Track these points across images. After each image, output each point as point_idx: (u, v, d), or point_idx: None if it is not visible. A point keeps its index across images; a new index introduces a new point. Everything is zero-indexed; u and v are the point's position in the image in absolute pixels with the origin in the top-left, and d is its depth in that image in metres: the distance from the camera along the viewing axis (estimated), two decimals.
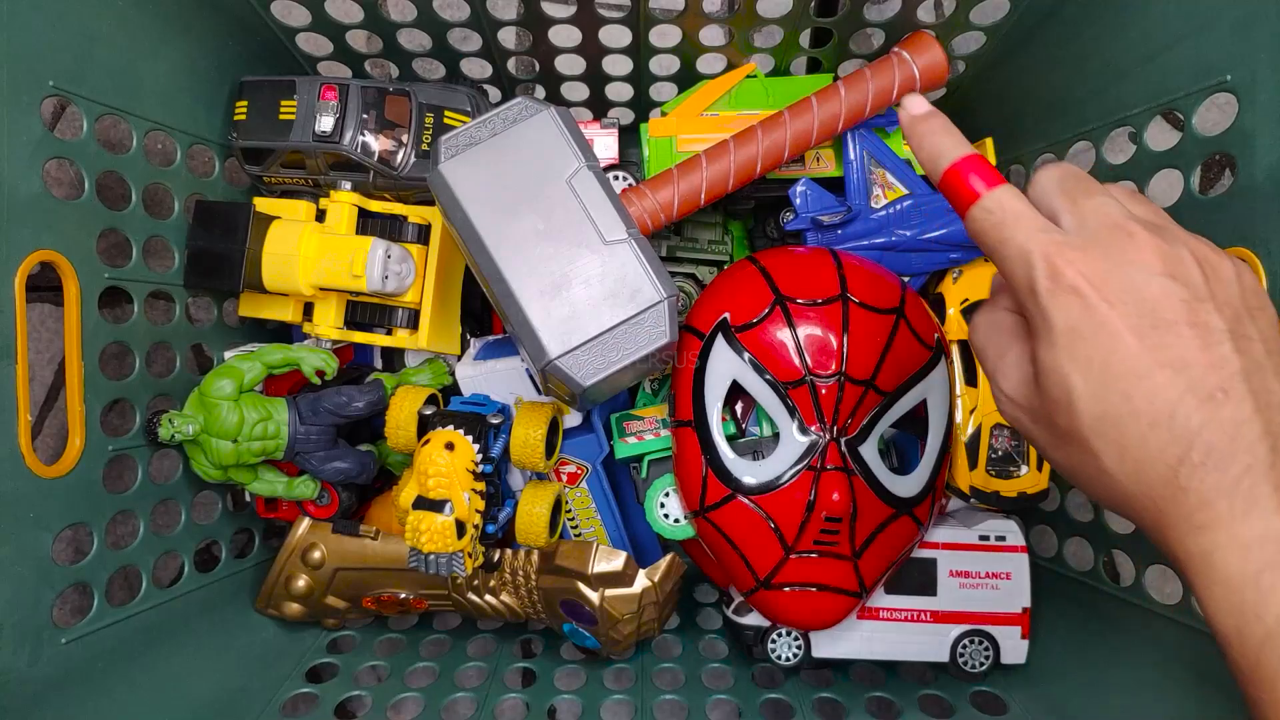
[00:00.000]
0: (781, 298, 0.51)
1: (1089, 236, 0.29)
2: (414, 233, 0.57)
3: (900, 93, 0.53)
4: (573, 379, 0.45)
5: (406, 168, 0.55)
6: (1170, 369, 0.27)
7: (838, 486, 0.49)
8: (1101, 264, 0.28)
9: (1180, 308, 0.27)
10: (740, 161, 0.53)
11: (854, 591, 0.51)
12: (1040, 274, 0.28)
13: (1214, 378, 0.27)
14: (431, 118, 0.55)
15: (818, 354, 0.50)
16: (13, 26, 0.42)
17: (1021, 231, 0.29)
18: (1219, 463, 0.26)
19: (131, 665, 0.49)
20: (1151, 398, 0.27)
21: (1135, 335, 0.27)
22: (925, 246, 0.58)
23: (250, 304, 0.58)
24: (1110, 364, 0.27)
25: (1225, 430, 0.26)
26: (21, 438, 0.42)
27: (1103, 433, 0.28)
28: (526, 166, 0.47)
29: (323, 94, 0.56)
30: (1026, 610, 0.56)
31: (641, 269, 0.45)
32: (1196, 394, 0.27)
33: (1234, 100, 0.43)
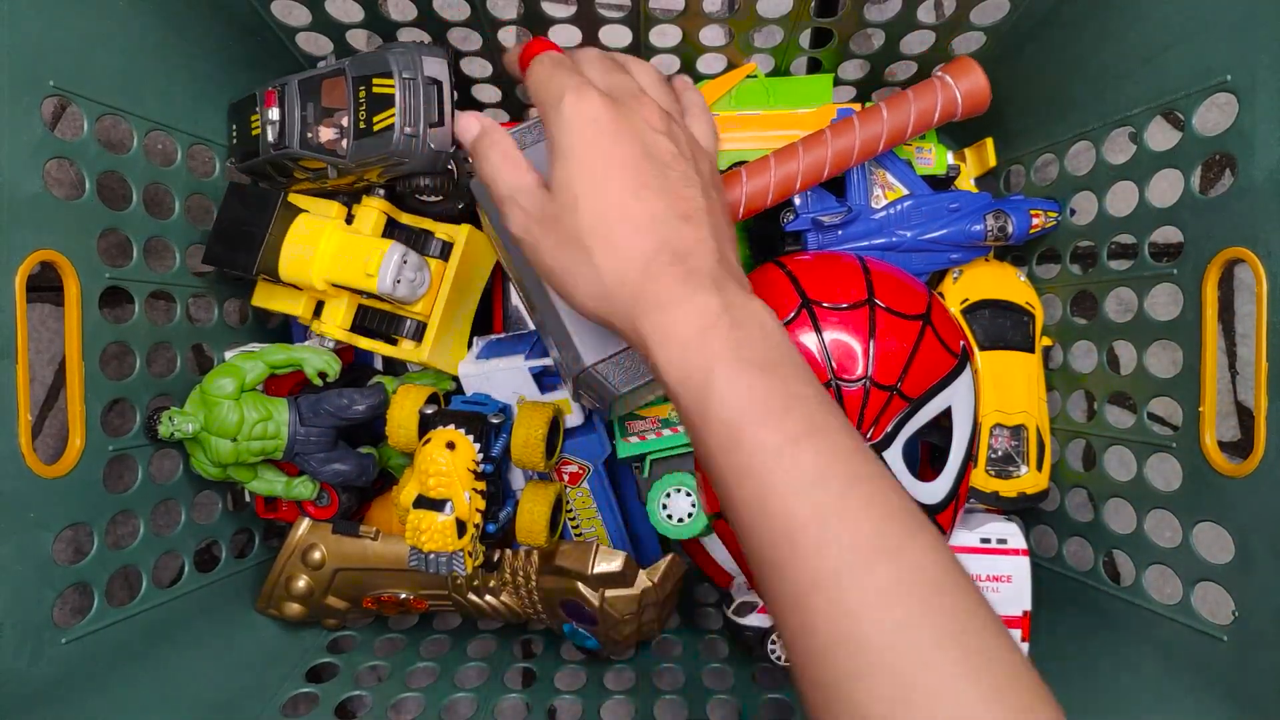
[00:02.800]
0: (808, 301, 0.51)
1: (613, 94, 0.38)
2: (437, 248, 0.57)
3: (943, 116, 0.53)
4: (606, 386, 0.45)
5: (350, 152, 0.53)
6: (656, 191, 0.35)
7: None
8: (617, 110, 0.37)
9: (669, 157, 0.37)
10: (780, 177, 0.53)
11: None
12: (569, 102, 0.36)
13: (687, 206, 0.36)
14: (364, 91, 0.53)
15: (844, 359, 0.50)
16: (13, 26, 0.42)
17: (564, 75, 0.38)
18: (680, 260, 0.34)
19: (131, 665, 0.49)
20: (640, 209, 0.35)
21: (633, 164, 0.36)
22: (925, 247, 0.58)
23: (264, 294, 0.59)
24: (610, 179, 0.35)
25: (687, 242, 0.35)
26: (21, 438, 0.42)
27: (597, 230, 0.35)
28: None
29: (266, 101, 0.55)
30: (1027, 613, 0.56)
31: None
32: (673, 213, 0.35)
33: (1234, 100, 0.43)
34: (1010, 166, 0.64)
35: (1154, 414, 0.52)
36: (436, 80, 0.54)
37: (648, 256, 0.35)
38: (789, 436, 0.31)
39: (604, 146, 0.36)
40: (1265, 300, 0.41)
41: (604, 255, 0.35)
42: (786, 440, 0.31)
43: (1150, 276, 0.50)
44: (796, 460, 0.30)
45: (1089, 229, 0.56)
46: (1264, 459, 0.41)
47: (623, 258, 0.35)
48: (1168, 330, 0.49)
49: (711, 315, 0.33)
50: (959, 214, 0.58)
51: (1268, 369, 0.41)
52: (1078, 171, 0.57)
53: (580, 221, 0.36)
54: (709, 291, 0.34)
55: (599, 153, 0.36)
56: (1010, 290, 0.60)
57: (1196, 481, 0.46)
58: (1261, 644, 0.42)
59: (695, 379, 0.32)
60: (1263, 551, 0.42)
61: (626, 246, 0.35)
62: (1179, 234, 0.48)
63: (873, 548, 0.29)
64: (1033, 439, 0.57)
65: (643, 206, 0.35)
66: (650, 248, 0.35)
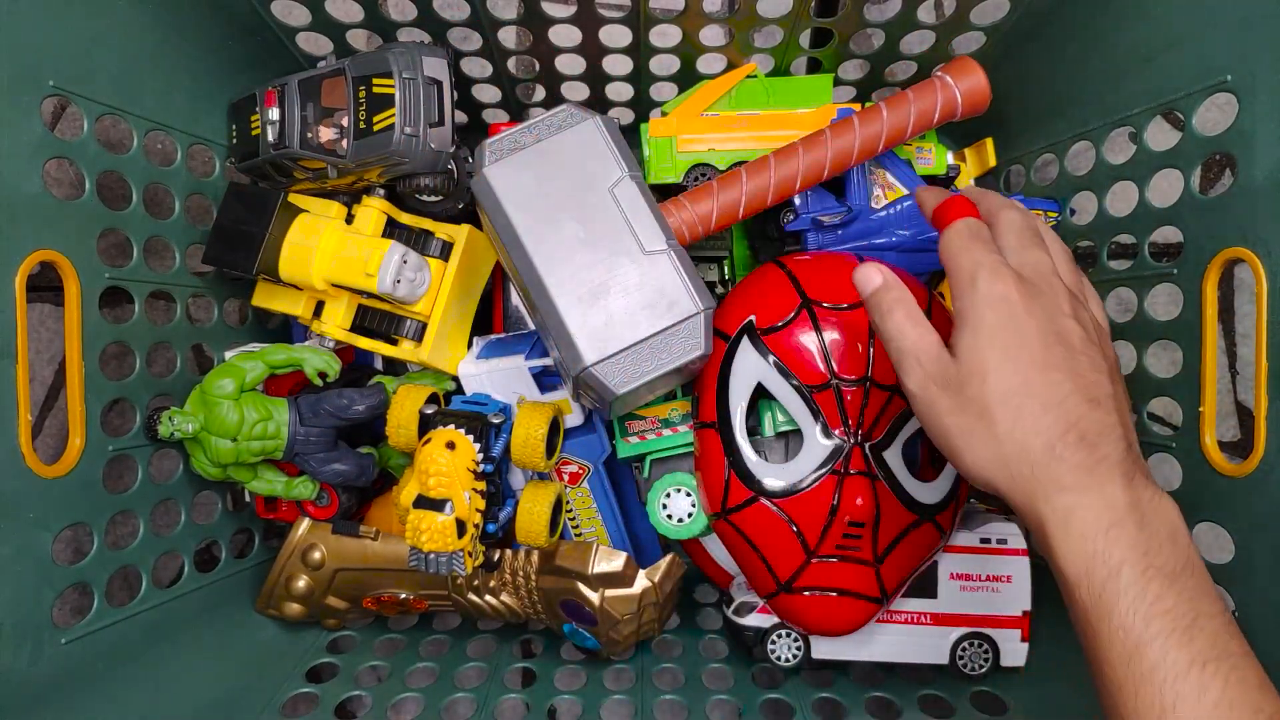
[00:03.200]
0: (808, 301, 0.51)
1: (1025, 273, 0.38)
2: (437, 248, 0.57)
3: (942, 116, 0.53)
4: (606, 386, 0.45)
5: (350, 152, 0.53)
6: (1065, 373, 0.35)
7: (861, 491, 0.49)
8: (1029, 290, 0.37)
9: (1077, 341, 0.36)
10: (780, 177, 0.53)
11: (875, 597, 0.51)
12: (984, 279, 0.37)
13: (1095, 390, 0.35)
14: (364, 91, 0.53)
15: (843, 358, 0.50)
16: (13, 26, 0.42)
17: (980, 250, 0.38)
18: (1089, 445, 0.34)
19: (131, 665, 0.49)
20: (1049, 388, 0.35)
21: (1043, 342, 0.36)
22: (925, 246, 0.58)
23: (264, 294, 0.59)
24: (1020, 357, 0.36)
25: (1096, 426, 0.35)
26: (21, 438, 0.42)
27: (1006, 402, 0.35)
28: (569, 174, 0.47)
29: (266, 101, 0.55)
30: (1027, 614, 0.56)
31: (680, 280, 0.46)
32: (1081, 396, 0.35)
33: (1234, 100, 0.43)
34: (1010, 166, 0.64)
35: (1154, 414, 0.52)
36: (436, 80, 0.54)
37: (1054, 436, 0.34)
38: (1197, 658, 0.30)
39: (1016, 325, 0.36)
40: (1265, 300, 0.41)
41: (1009, 428, 0.35)
42: (1194, 662, 0.30)
43: (1150, 276, 0.50)
44: (1204, 686, 0.30)
45: (1089, 229, 0.56)
46: (1264, 459, 0.41)
47: (1028, 433, 0.35)
48: (1168, 330, 0.49)
49: (1120, 511, 0.33)
50: None
51: (1268, 369, 0.41)
52: (1078, 171, 0.57)
53: (987, 391, 0.36)
54: (1118, 483, 0.33)
55: (1011, 330, 0.36)
56: None
57: (1196, 481, 0.46)
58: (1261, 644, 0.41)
59: (1098, 577, 0.32)
60: (1263, 551, 0.42)
61: (1033, 423, 0.35)
62: (1179, 234, 0.48)
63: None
64: None
65: (1052, 386, 0.35)
66: (1058, 428, 0.34)
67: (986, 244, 0.39)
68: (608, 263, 0.46)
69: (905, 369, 0.39)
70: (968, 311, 0.37)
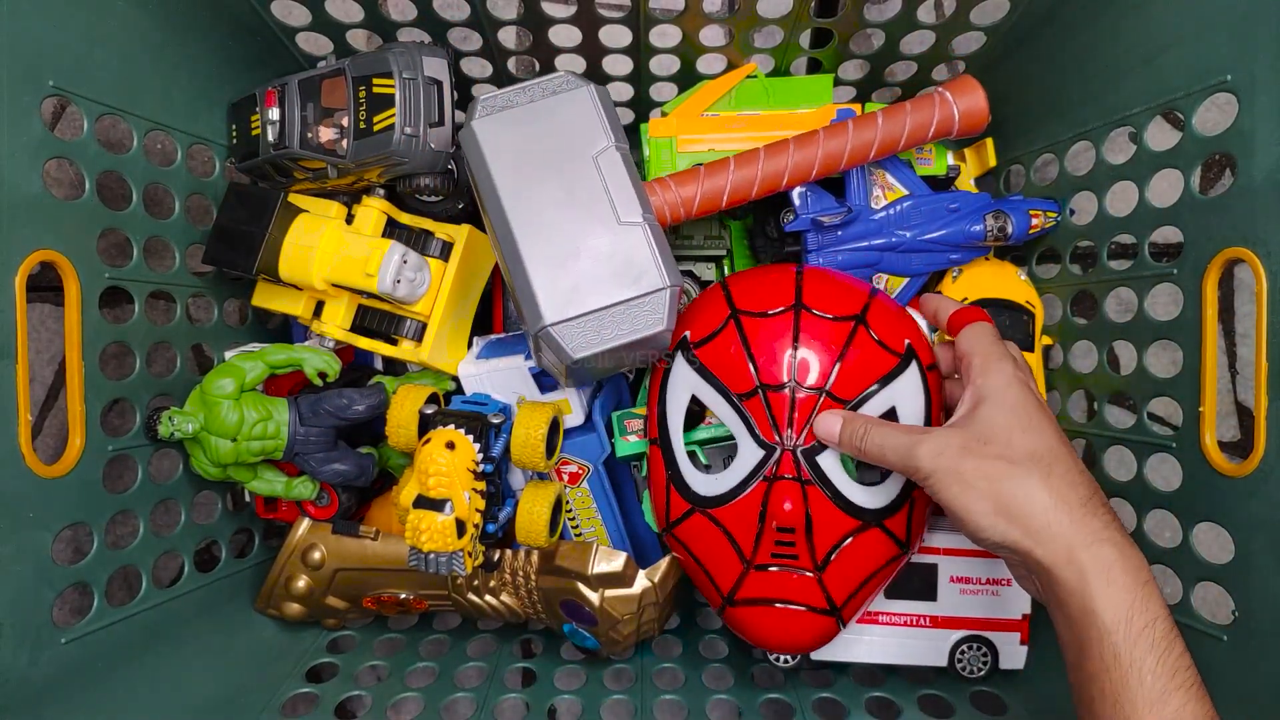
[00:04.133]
0: (736, 312, 0.51)
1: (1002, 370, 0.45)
2: (437, 248, 0.57)
3: (938, 131, 0.53)
4: (563, 349, 0.45)
5: (350, 152, 0.53)
6: (1069, 448, 0.42)
7: (789, 495, 0.48)
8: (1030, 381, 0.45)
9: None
10: (767, 172, 0.52)
11: (823, 609, 0.49)
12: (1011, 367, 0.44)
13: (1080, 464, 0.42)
14: (364, 91, 0.53)
15: (767, 364, 0.49)
16: (13, 26, 0.42)
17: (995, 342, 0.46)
18: (1107, 507, 0.40)
19: (131, 665, 0.49)
20: (1069, 455, 0.41)
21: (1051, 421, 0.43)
22: (925, 247, 0.58)
23: (264, 294, 0.59)
24: (1045, 426, 0.42)
25: (1103, 497, 0.40)
26: (21, 438, 0.42)
27: (1038, 460, 0.40)
28: (557, 137, 0.47)
29: (266, 101, 0.55)
30: (1026, 616, 0.56)
31: (650, 254, 0.46)
32: (1082, 468, 0.41)
33: (1234, 100, 0.43)
34: (1010, 166, 0.64)
35: (1154, 414, 0.52)
36: (437, 80, 0.54)
37: (1086, 494, 0.39)
38: (1214, 716, 0.36)
39: (1033, 402, 0.42)
40: (1265, 300, 0.41)
41: (1043, 480, 0.39)
42: (1211, 717, 0.36)
43: (1150, 276, 0.50)
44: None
45: (1089, 229, 0.56)
46: (1264, 459, 0.41)
47: (1065, 487, 0.39)
48: (1168, 330, 0.49)
49: (1145, 568, 0.38)
50: (958, 214, 0.58)
51: (1268, 369, 0.41)
52: (1078, 171, 0.57)
53: (1015, 450, 0.40)
54: (1133, 544, 0.39)
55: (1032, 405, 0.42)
56: (1010, 289, 0.60)
57: (1196, 481, 0.46)
58: (1261, 644, 0.42)
59: (1136, 625, 0.36)
60: (1263, 551, 0.42)
61: (1072, 482, 0.40)
62: (1179, 234, 0.48)
63: None
64: None
65: (1071, 455, 0.41)
66: (1088, 487, 0.40)
67: (998, 340, 0.46)
68: (581, 228, 0.46)
69: (915, 458, 0.42)
70: (989, 389, 0.43)
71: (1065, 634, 0.39)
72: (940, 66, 0.61)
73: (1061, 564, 0.38)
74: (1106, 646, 0.36)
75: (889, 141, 0.53)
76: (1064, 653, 0.40)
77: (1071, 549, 0.38)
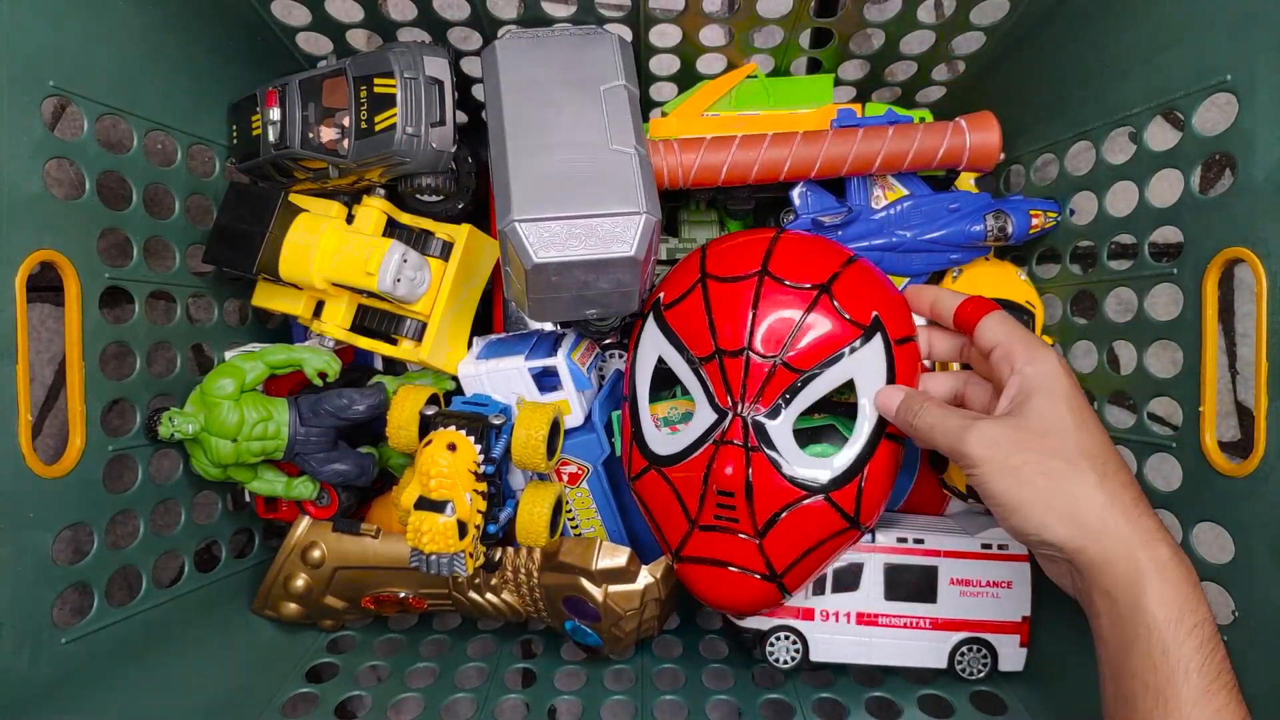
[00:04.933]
0: (704, 276, 0.51)
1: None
2: (437, 247, 0.57)
3: (945, 159, 0.54)
4: (526, 250, 0.44)
5: (352, 152, 0.53)
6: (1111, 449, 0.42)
7: (732, 460, 0.48)
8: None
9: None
10: (768, 159, 0.53)
11: (763, 574, 0.49)
12: (1047, 353, 0.43)
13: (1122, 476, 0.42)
14: (365, 91, 0.53)
15: (726, 329, 0.49)
16: (13, 26, 0.42)
17: (1024, 330, 0.46)
18: (1151, 509, 0.40)
19: (131, 665, 0.49)
20: (1115, 453, 0.41)
21: (1094, 415, 0.43)
22: (925, 247, 0.58)
23: (264, 294, 0.59)
24: (1092, 421, 0.42)
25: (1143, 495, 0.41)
26: (21, 438, 0.42)
27: (1092, 458, 0.40)
28: (570, 67, 0.49)
29: (267, 101, 0.55)
30: (1026, 619, 0.56)
31: (635, 181, 0.46)
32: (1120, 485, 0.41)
33: (1234, 100, 0.43)
34: (1010, 166, 0.64)
35: (1154, 414, 0.52)
36: (438, 80, 0.54)
37: (1137, 495, 0.40)
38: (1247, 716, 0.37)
39: (1082, 395, 0.42)
40: (1265, 300, 0.41)
41: (1099, 479, 0.40)
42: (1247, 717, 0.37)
43: (1150, 276, 0.50)
44: None
45: (1089, 229, 0.56)
46: (1264, 459, 0.41)
47: (1119, 487, 0.40)
48: (1168, 330, 0.49)
49: (1195, 572, 0.39)
50: (959, 214, 0.58)
51: (1268, 369, 0.41)
52: (1078, 171, 0.57)
53: (1070, 447, 0.40)
54: (1177, 547, 0.39)
55: (1080, 397, 0.42)
56: (1010, 289, 0.60)
57: (1196, 481, 0.46)
58: (1261, 644, 0.42)
59: (1186, 624, 0.37)
60: (1263, 551, 0.42)
61: (1124, 483, 0.40)
62: (1179, 234, 0.48)
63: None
64: None
65: (1118, 456, 0.41)
66: (1136, 491, 0.40)
67: (1025, 328, 0.45)
68: (572, 144, 0.47)
69: (965, 443, 0.42)
70: (1040, 379, 0.42)
71: (1109, 629, 0.39)
72: (940, 66, 0.61)
73: (1117, 561, 0.38)
74: (1155, 642, 0.37)
75: (893, 158, 0.54)
76: (1101, 648, 0.40)
77: (1130, 547, 0.38)
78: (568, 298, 0.48)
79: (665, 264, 0.64)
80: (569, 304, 0.49)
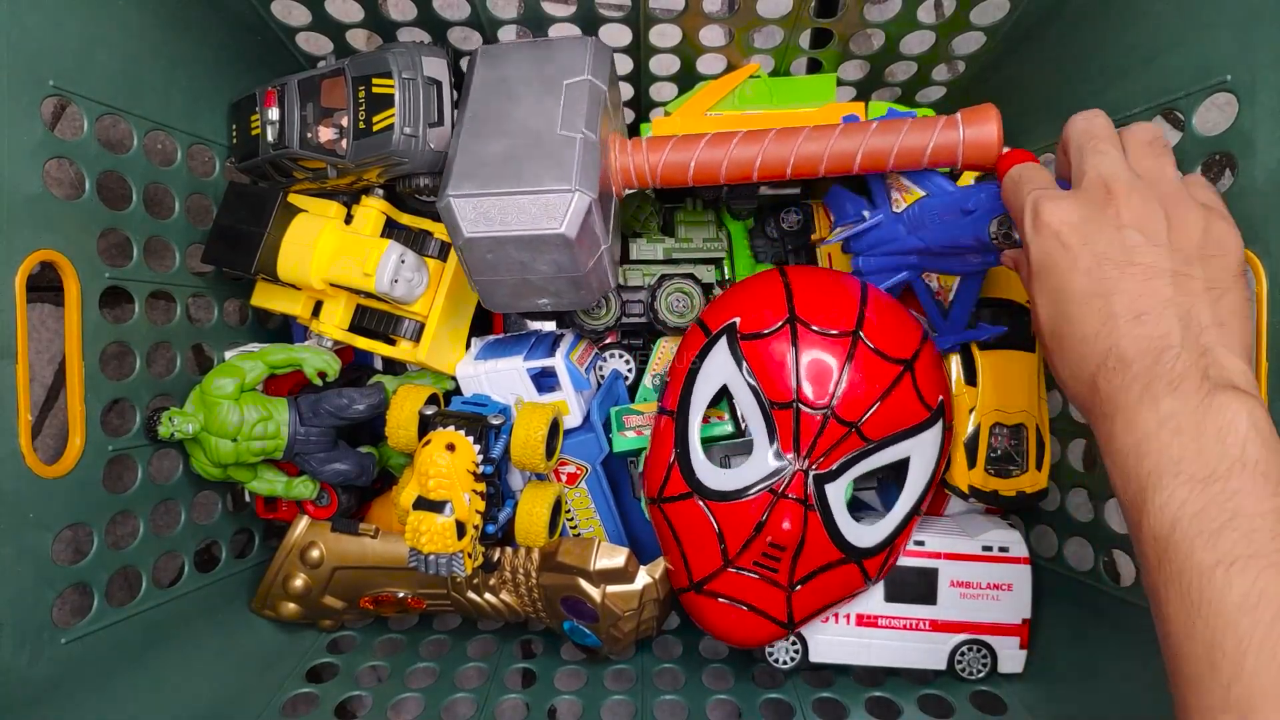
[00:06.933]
0: (794, 318, 0.50)
1: (1077, 190, 0.37)
2: (436, 248, 0.57)
3: (935, 155, 0.51)
4: (458, 225, 0.46)
5: (350, 152, 0.53)
6: (1103, 297, 0.34)
7: (790, 516, 0.48)
8: (1076, 213, 0.36)
9: (1131, 251, 0.34)
10: (735, 159, 0.51)
11: (781, 621, 0.51)
12: (1028, 217, 0.38)
13: (1141, 303, 0.34)
14: (364, 91, 0.53)
15: (812, 383, 0.49)
16: (13, 26, 0.42)
17: (1025, 188, 0.39)
18: (1123, 367, 0.34)
19: (131, 665, 0.49)
20: (1085, 319, 0.35)
21: (1085, 271, 0.35)
22: (951, 251, 0.53)
23: (263, 294, 0.59)
24: (1062, 292, 0.36)
25: (1138, 344, 0.33)
26: (21, 438, 0.42)
27: (1055, 347, 0.37)
28: (541, 66, 0.51)
29: (266, 101, 0.55)
30: (1026, 621, 0.56)
31: (574, 162, 0.46)
32: (1122, 316, 0.34)
33: (1234, 100, 0.43)
34: None
35: None
36: (436, 80, 0.54)
37: (1094, 367, 0.35)
38: (1222, 558, 0.29)
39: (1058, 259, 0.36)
40: (1265, 300, 0.41)
41: (1061, 364, 0.37)
42: (1219, 562, 0.29)
43: None
44: (1227, 584, 0.29)
45: None
46: None
47: (1074, 364, 0.36)
48: None
49: (1151, 426, 0.32)
50: (975, 218, 0.50)
51: (1268, 369, 0.41)
52: None
53: (1041, 329, 0.38)
54: (1149, 402, 0.33)
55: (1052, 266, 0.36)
56: (1013, 289, 0.59)
57: None
58: None
59: (1131, 490, 0.33)
60: None
61: (1076, 359, 0.36)
62: None
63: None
64: (1032, 438, 0.57)
65: (1092, 314, 0.35)
66: (1096, 357, 0.35)
67: (1031, 182, 0.40)
68: (522, 131, 0.48)
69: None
70: (1028, 252, 0.38)
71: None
72: (940, 66, 0.61)
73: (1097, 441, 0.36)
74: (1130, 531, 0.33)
75: (876, 153, 0.51)
76: None
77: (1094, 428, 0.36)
78: (510, 281, 0.49)
79: (663, 263, 0.64)
80: (514, 289, 0.50)
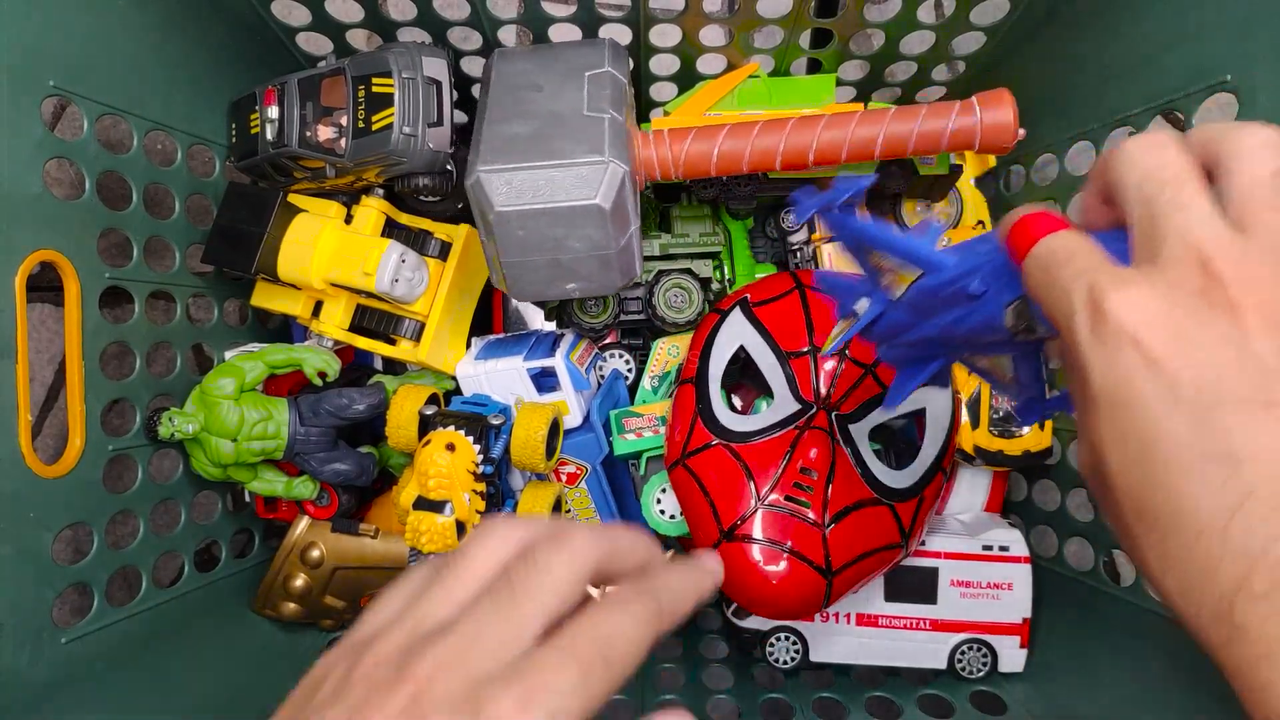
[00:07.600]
0: (801, 285, 0.55)
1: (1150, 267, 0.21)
2: (436, 248, 0.57)
3: (954, 139, 0.50)
4: (489, 200, 0.45)
5: (349, 151, 0.53)
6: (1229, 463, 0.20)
7: (818, 443, 0.49)
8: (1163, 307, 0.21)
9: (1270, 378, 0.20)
10: (758, 147, 0.51)
11: (820, 566, 0.48)
12: (1083, 317, 0.22)
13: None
14: (363, 90, 0.53)
15: (825, 331, 0.51)
16: (13, 26, 0.42)
17: (1068, 271, 0.23)
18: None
19: (131, 665, 0.49)
20: (1198, 497, 0.20)
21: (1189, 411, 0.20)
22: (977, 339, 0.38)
23: (263, 294, 0.59)
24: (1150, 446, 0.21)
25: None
26: (21, 438, 0.42)
27: (1141, 532, 0.22)
28: (560, 62, 0.52)
29: (265, 100, 0.55)
30: (1026, 620, 0.56)
31: (604, 138, 0.46)
32: (1266, 501, 0.19)
33: (1234, 100, 0.43)
34: (1010, 166, 0.64)
35: None
36: (436, 80, 0.54)
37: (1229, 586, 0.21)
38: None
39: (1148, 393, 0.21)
40: None
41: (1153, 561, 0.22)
42: None
43: None
44: None
45: None
46: None
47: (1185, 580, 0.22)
48: None
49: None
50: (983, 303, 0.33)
51: None
52: (1078, 171, 0.57)
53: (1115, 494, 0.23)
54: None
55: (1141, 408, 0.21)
56: None
57: None
58: None
59: None
60: None
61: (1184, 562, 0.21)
62: None
63: None
64: None
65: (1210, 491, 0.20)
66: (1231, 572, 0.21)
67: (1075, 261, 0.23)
68: (547, 113, 0.48)
69: None
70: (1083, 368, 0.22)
71: None
72: (940, 66, 0.61)
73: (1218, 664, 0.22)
74: None
75: (896, 139, 0.50)
76: None
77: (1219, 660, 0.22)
78: (541, 263, 0.47)
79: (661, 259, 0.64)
80: (544, 272, 0.48)
